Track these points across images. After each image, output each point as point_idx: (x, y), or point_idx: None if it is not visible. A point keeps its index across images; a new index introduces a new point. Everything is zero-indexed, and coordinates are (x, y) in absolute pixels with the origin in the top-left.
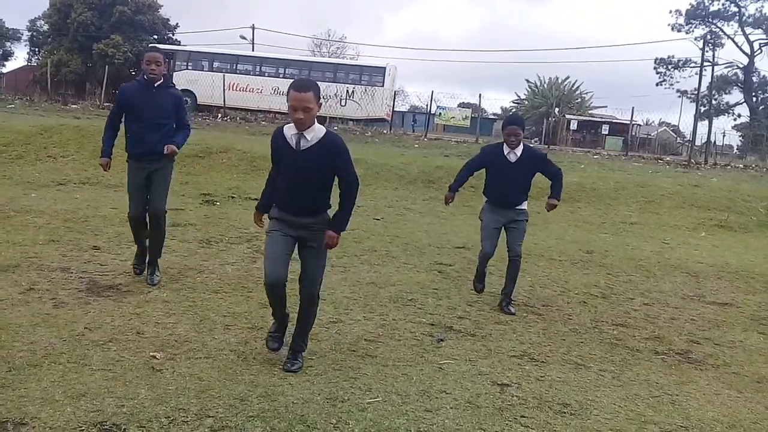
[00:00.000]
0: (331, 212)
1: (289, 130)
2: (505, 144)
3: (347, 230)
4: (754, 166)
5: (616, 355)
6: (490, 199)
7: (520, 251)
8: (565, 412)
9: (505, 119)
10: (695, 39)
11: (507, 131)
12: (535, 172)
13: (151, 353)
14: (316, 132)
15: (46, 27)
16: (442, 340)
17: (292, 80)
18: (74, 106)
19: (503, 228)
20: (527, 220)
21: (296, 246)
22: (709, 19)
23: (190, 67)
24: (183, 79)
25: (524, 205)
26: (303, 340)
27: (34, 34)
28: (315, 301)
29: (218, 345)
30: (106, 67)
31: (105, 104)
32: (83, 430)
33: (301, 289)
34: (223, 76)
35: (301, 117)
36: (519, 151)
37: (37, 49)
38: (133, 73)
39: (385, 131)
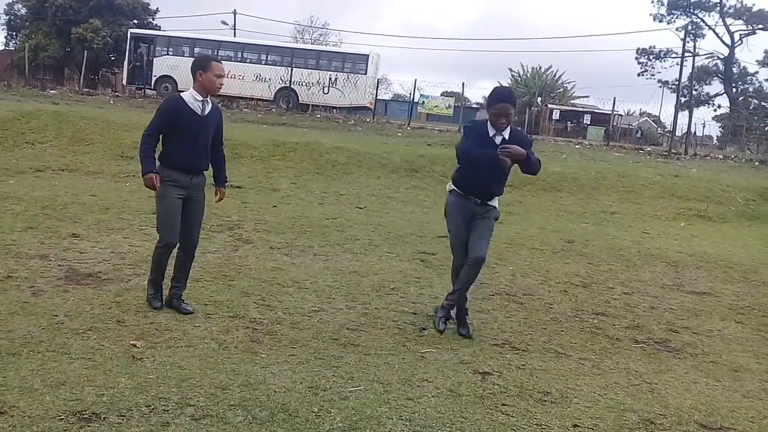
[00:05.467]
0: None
1: (191, 99)
2: (489, 124)
3: (329, 219)
4: (733, 156)
5: (596, 343)
6: (462, 187)
7: (485, 254)
8: (545, 401)
9: (493, 94)
10: (676, 29)
11: (495, 110)
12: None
13: (131, 342)
14: (210, 99)
15: (23, 11)
16: (424, 329)
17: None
18: (52, 91)
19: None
20: (497, 219)
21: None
22: (691, 10)
23: (170, 53)
24: (163, 64)
25: (495, 202)
26: (184, 282)
27: (12, 17)
28: (194, 253)
29: (199, 333)
30: (85, 51)
31: (84, 90)
32: (62, 419)
33: (183, 242)
34: None
35: (223, 83)
36: (507, 133)
37: (14, 33)
38: (113, 58)
39: (368, 119)
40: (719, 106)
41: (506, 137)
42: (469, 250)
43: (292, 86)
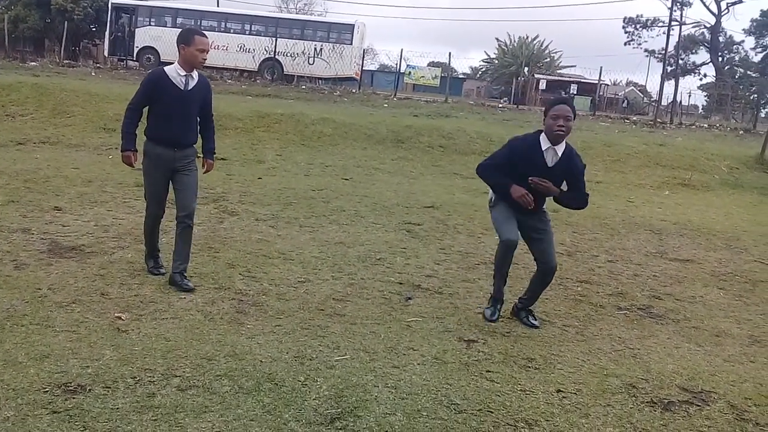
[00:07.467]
0: None
1: (174, 73)
2: (544, 136)
3: (315, 190)
4: (718, 125)
5: (580, 310)
6: (509, 202)
7: (555, 262)
8: (529, 367)
9: (553, 99)
10: None
11: (555, 111)
12: (564, 180)
13: (115, 314)
14: (196, 73)
15: None
16: (410, 298)
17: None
18: (33, 63)
19: (524, 238)
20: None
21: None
22: None
23: (153, 23)
24: (146, 35)
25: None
26: (185, 255)
27: None
28: (192, 223)
29: (184, 305)
30: (65, 23)
31: (65, 61)
32: (47, 391)
33: (178, 214)
34: None
35: (206, 58)
36: (561, 150)
37: None
38: (94, 29)
39: (353, 90)
40: (705, 75)
41: (559, 154)
42: (540, 261)
43: (276, 57)
